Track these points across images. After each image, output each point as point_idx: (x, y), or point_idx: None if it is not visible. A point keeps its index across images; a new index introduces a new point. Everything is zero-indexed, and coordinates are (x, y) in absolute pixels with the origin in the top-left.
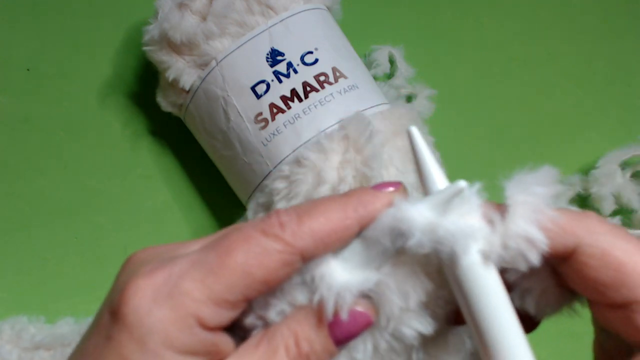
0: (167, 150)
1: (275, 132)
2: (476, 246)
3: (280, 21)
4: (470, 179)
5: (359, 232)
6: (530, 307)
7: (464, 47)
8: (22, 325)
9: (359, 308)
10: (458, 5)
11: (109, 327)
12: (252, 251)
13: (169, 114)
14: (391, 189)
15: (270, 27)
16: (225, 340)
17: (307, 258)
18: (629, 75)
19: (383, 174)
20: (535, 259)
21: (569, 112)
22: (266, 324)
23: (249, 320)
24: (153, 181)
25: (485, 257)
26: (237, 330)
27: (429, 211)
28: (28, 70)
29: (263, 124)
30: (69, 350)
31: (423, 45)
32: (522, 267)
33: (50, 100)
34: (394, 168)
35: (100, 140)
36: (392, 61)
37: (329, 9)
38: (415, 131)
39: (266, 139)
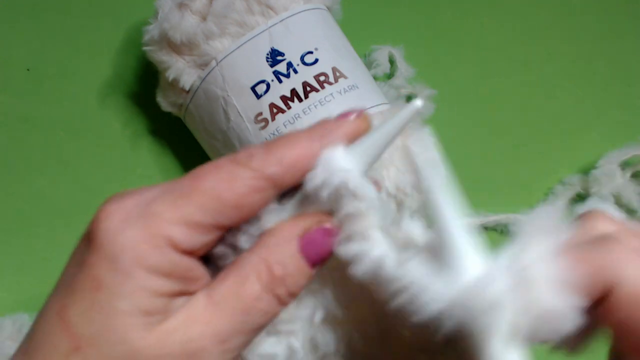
0: (167, 150)
1: (275, 132)
2: (504, 318)
3: (280, 21)
4: (470, 178)
5: None
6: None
7: (464, 47)
8: (23, 321)
9: (327, 225)
10: (458, 5)
11: (82, 253)
12: (221, 177)
13: (169, 114)
14: (354, 115)
15: (270, 27)
16: (199, 269)
17: (279, 185)
18: (629, 75)
19: (383, 174)
20: (571, 327)
21: (569, 112)
22: (236, 252)
23: (219, 249)
24: (153, 181)
25: (514, 333)
26: (212, 266)
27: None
28: (28, 70)
29: (263, 124)
30: None
31: (423, 45)
32: (553, 337)
33: (50, 100)
34: (394, 168)
35: (100, 140)
36: (392, 61)
37: (329, 9)
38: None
39: (266, 139)
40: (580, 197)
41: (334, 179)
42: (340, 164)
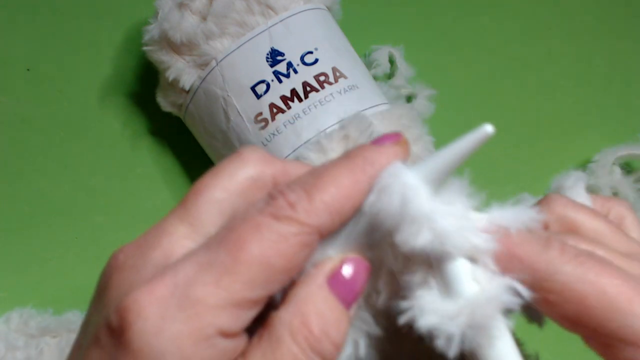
0: (167, 150)
1: (275, 132)
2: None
3: (280, 21)
4: (470, 178)
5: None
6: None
7: (464, 47)
8: (30, 314)
9: (351, 256)
10: (458, 5)
11: (112, 351)
12: (267, 239)
13: (169, 114)
14: (392, 140)
15: (270, 27)
16: (245, 340)
17: (325, 234)
18: (628, 74)
19: None
20: (516, 307)
21: (568, 111)
22: (272, 303)
23: None
24: (153, 181)
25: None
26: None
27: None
28: (28, 70)
29: (263, 124)
30: (73, 336)
31: (423, 45)
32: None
33: (50, 100)
34: None
35: (100, 140)
36: (392, 61)
37: (329, 9)
38: None
39: (266, 139)
40: None
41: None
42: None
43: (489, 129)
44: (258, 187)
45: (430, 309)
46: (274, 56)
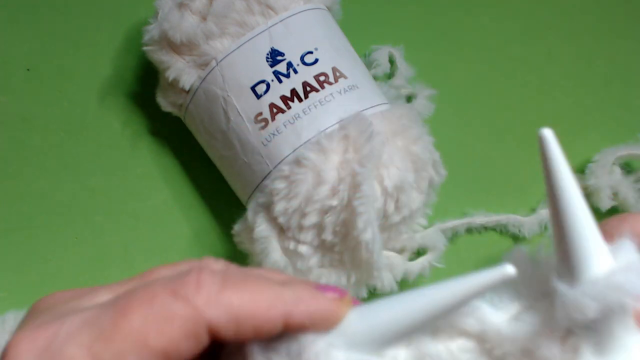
0: (167, 150)
1: (275, 132)
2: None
3: (280, 21)
4: (470, 179)
5: (280, 329)
6: None
7: (464, 47)
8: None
9: None
10: (458, 5)
11: None
12: (152, 314)
13: (169, 114)
14: (335, 295)
15: (270, 27)
16: None
17: (213, 334)
18: (628, 74)
19: (383, 173)
20: None
21: (568, 112)
22: None
23: None
24: (153, 181)
25: None
26: None
27: None
28: (28, 70)
29: (263, 124)
30: None
31: (423, 45)
32: None
33: (50, 100)
34: (394, 168)
35: (100, 140)
36: (392, 61)
37: (329, 9)
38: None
39: (266, 139)
40: None
41: None
42: None
43: (510, 270)
44: None
45: None
46: (274, 56)
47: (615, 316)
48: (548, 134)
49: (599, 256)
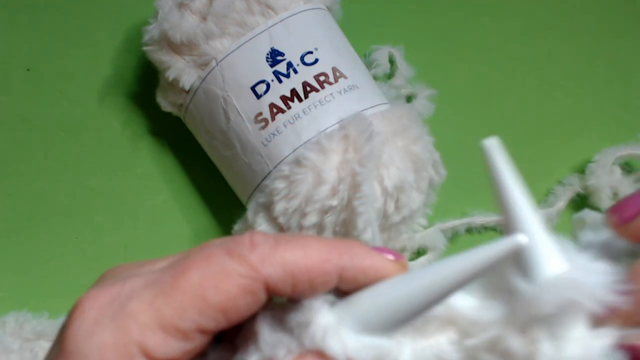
0: (167, 150)
1: (275, 132)
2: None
3: (280, 21)
4: (470, 178)
5: (334, 286)
6: None
7: (464, 47)
8: (26, 318)
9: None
10: (458, 5)
11: (54, 348)
12: (209, 271)
13: (169, 114)
14: (390, 256)
15: (270, 27)
16: None
17: (270, 291)
18: (629, 75)
19: (383, 173)
20: None
21: (568, 112)
22: None
23: None
24: (153, 181)
25: None
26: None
27: None
28: (28, 70)
29: (263, 124)
30: None
31: (423, 45)
32: None
33: (50, 100)
34: (394, 168)
35: (100, 140)
36: (392, 61)
37: (329, 9)
38: (493, 147)
39: (266, 139)
40: (580, 197)
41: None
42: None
43: (522, 238)
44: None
45: None
46: (274, 56)
47: (569, 312)
48: (492, 143)
49: (549, 260)
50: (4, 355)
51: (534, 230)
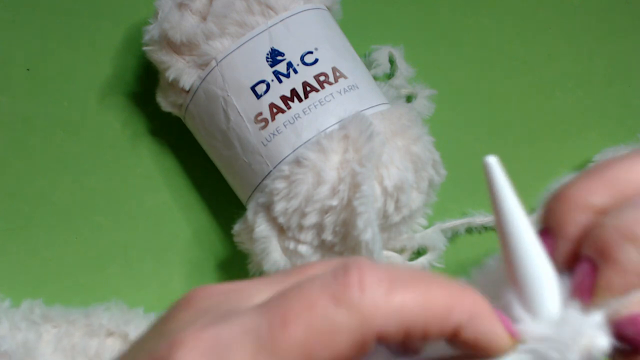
0: (167, 150)
1: (275, 132)
2: None
3: (280, 21)
4: (470, 179)
5: (444, 339)
6: None
7: (464, 47)
8: (38, 304)
9: None
10: (458, 5)
11: None
12: (314, 326)
13: (169, 114)
14: (508, 329)
15: (270, 27)
16: None
17: (380, 341)
18: (628, 74)
19: (383, 173)
20: None
21: (568, 112)
22: None
23: None
24: (153, 181)
25: None
26: None
27: None
28: (28, 70)
29: (263, 124)
30: (72, 328)
31: (423, 45)
32: None
33: (50, 100)
34: (394, 168)
35: (100, 140)
36: (392, 61)
37: (329, 9)
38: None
39: (266, 139)
40: None
41: None
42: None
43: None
44: None
45: None
46: (274, 56)
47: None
48: (493, 161)
49: (549, 290)
50: (12, 332)
51: (533, 260)
